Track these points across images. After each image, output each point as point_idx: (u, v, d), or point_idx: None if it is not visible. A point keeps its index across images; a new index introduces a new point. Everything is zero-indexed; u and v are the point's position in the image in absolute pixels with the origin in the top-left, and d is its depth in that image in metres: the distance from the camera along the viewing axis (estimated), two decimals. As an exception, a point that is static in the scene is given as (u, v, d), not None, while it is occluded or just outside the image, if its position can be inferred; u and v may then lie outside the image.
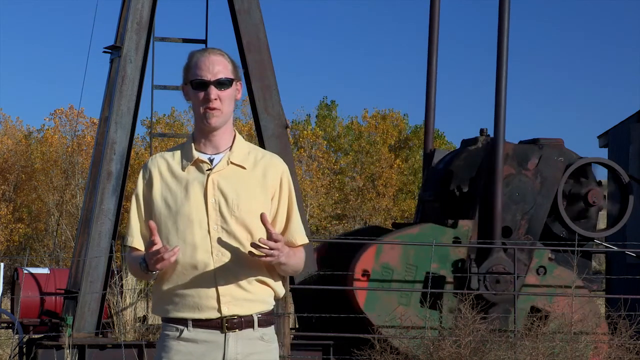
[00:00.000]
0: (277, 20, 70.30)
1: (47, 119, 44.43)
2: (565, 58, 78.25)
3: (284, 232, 4.12)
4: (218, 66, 4.08)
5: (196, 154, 4.11)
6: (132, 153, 21.78)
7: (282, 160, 4.21)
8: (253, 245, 3.90)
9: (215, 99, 4.06)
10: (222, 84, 4.07)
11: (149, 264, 3.96)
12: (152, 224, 3.95)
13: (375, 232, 12.86)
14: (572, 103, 78.74)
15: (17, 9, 70.65)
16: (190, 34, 24.03)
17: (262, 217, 3.94)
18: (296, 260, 4.10)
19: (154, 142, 27.79)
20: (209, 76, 4.05)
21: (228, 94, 4.09)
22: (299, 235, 4.15)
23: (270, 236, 3.91)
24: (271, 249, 3.89)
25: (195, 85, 4.07)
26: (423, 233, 11.81)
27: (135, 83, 12.25)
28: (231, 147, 4.13)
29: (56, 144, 39.93)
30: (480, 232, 11.99)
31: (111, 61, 12.64)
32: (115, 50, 12.49)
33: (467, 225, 11.97)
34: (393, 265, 11.70)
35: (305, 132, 42.62)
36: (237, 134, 4.19)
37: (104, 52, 12.69)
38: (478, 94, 75.78)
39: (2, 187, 39.91)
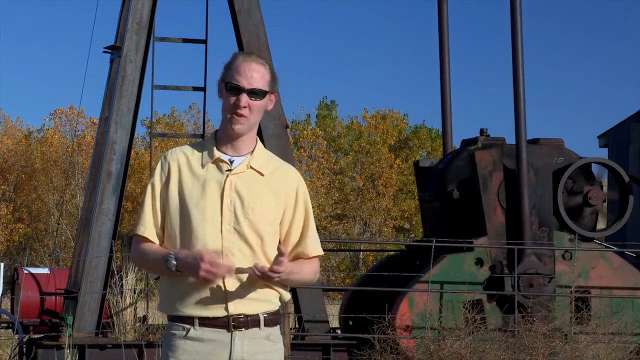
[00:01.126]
0: (277, 20, 70.23)
1: (47, 119, 44.50)
2: (565, 58, 78.20)
3: (299, 243, 4.14)
4: (256, 74, 4.06)
5: (217, 154, 4.11)
6: (132, 153, 21.79)
7: (298, 172, 4.23)
8: (257, 269, 3.96)
9: (245, 107, 4.05)
10: (256, 94, 4.06)
11: (185, 267, 3.94)
12: (232, 268, 3.95)
13: (393, 270, 12.71)
14: (572, 103, 78.65)
15: (17, 9, 70.64)
16: (190, 34, 24.07)
17: (280, 250, 3.98)
18: (304, 274, 4.12)
19: (154, 142, 27.79)
20: (244, 83, 4.04)
21: (259, 104, 4.08)
22: (314, 248, 4.17)
23: (277, 258, 3.96)
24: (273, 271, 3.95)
25: (229, 89, 4.06)
26: (445, 268, 11.78)
27: (135, 83, 12.26)
28: (252, 152, 4.14)
29: (56, 144, 39.97)
30: (509, 237, 11.98)
31: (111, 61, 12.65)
32: (115, 50, 12.50)
33: (483, 244, 11.95)
34: (430, 309, 11.65)
35: (305, 132, 42.66)
36: (259, 141, 4.20)
37: (104, 52, 12.70)
38: (478, 94, 75.78)
39: (2, 187, 39.94)
